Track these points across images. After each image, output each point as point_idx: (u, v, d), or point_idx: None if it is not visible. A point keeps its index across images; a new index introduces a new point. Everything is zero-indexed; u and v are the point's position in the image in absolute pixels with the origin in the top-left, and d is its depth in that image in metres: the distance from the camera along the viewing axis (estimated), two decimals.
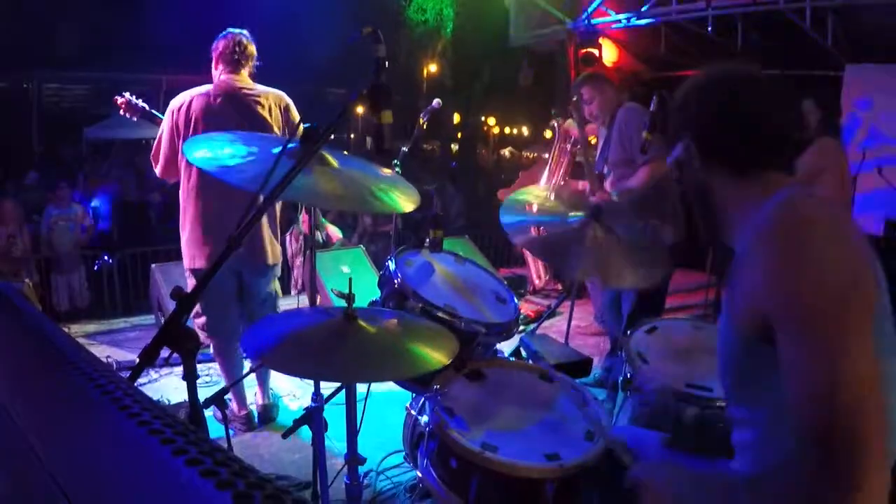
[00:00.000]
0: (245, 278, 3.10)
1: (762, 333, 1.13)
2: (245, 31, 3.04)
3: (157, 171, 3.07)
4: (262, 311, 3.12)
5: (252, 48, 3.03)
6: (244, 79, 3.00)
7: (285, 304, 4.85)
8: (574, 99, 3.91)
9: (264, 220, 3.02)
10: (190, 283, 3.07)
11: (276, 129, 2.98)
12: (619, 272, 2.44)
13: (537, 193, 2.84)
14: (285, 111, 3.04)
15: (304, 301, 4.99)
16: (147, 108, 3.32)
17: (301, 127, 2.63)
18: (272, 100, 3.02)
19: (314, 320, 1.75)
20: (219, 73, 3.00)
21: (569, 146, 5.71)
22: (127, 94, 3.31)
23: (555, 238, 2.51)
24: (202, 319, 3.07)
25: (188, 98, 2.93)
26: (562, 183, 5.63)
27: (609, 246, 2.45)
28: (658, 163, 3.40)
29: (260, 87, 3.02)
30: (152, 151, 3.07)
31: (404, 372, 1.71)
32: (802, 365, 1.05)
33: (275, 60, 3.58)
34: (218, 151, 1.74)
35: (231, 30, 3.02)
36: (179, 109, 2.92)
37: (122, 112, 3.36)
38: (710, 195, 1.35)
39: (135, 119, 3.40)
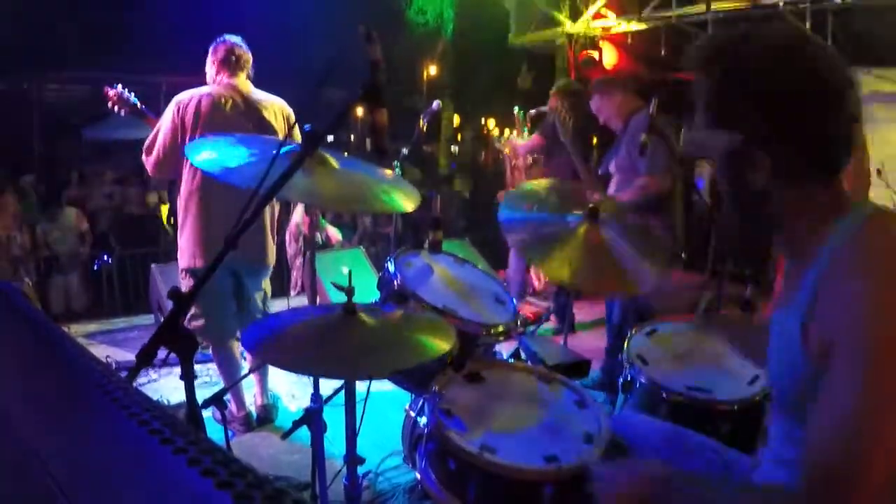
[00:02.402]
0: (242, 278, 3.10)
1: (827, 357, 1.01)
2: (240, 39, 3.05)
3: (149, 165, 2.99)
4: (255, 311, 3.14)
5: (248, 55, 3.06)
6: (247, 84, 3.02)
7: (284, 305, 4.85)
8: (553, 106, 3.91)
9: (265, 220, 3.03)
10: (185, 283, 3.06)
11: (280, 135, 3.00)
12: (609, 280, 2.37)
13: (541, 186, 2.81)
14: (286, 119, 3.07)
15: (302, 302, 4.98)
16: (138, 104, 3.26)
17: (296, 130, 2.65)
18: (276, 107, 3.06)
19: (314, 317, 1.75)
20: (220, 78, 3.01)
21: (518, 161, 5.66)
22: (119, 87, 3.25)
23: (548, 240, 2.43)
24: (199, 322, 3.04)
25: (197, 96, 2.92)
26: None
27: (603, 250, 2.38)
28: (651, 179, 3.36)
29: (262, 94, 3.05)
30: (145, 145, 2.99)
31: (406, 361, 1.71)
32: (851, 410, 0.93)
33: (274, 61, 3.59)
34: (221, 153, 1.74)
35: (227, 36, 3.03)
36: (187, 106, 2.89)
37: (110, 104, 3.27)
38: (764, 205, 1.12)
39: (122, 113, 3.33)
